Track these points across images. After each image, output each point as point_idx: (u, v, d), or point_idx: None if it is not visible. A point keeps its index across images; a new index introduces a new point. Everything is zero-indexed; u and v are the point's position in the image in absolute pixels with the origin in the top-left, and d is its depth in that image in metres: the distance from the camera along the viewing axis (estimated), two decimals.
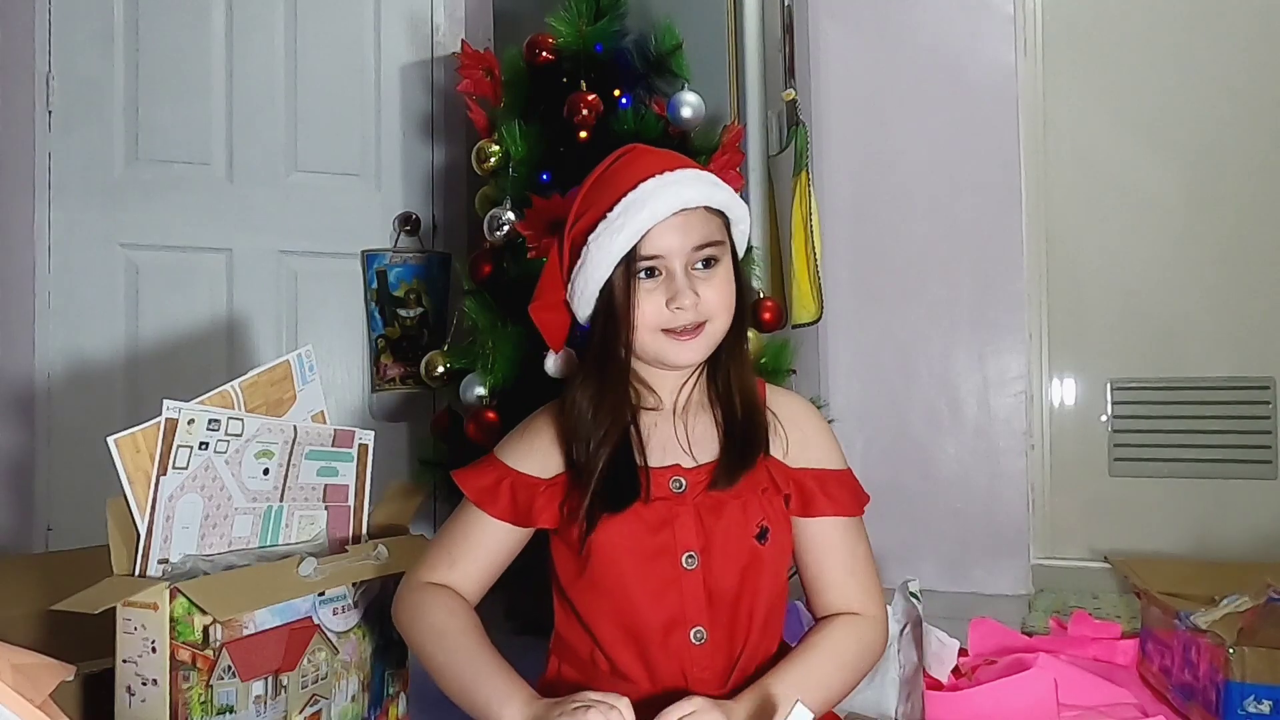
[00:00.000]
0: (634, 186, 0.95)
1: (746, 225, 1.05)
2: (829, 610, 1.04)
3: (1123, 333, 2.46)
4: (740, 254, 1.04)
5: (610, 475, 0.98)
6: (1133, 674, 1.64)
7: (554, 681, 1.08)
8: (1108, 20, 2.47)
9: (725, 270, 1.00)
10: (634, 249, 0.96)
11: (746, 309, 1.06)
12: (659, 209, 0.95)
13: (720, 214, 1.01)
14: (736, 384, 1.03)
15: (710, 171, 1.02)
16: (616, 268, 0.96)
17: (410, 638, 1.04)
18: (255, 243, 2.29)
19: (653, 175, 0.96)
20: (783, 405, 1.06)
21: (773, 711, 0.90)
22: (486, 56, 1.97)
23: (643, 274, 0.97)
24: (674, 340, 0.98)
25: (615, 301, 0.97)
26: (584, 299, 1.00)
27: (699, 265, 0.98)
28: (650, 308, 0.97)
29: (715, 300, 0.98)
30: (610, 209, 0.96)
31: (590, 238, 0.97)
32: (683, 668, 0.99)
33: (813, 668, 0.97)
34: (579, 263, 0.98)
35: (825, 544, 1.04)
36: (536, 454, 1.04)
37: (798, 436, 1.04)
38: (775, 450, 1.03)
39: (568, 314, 1.04)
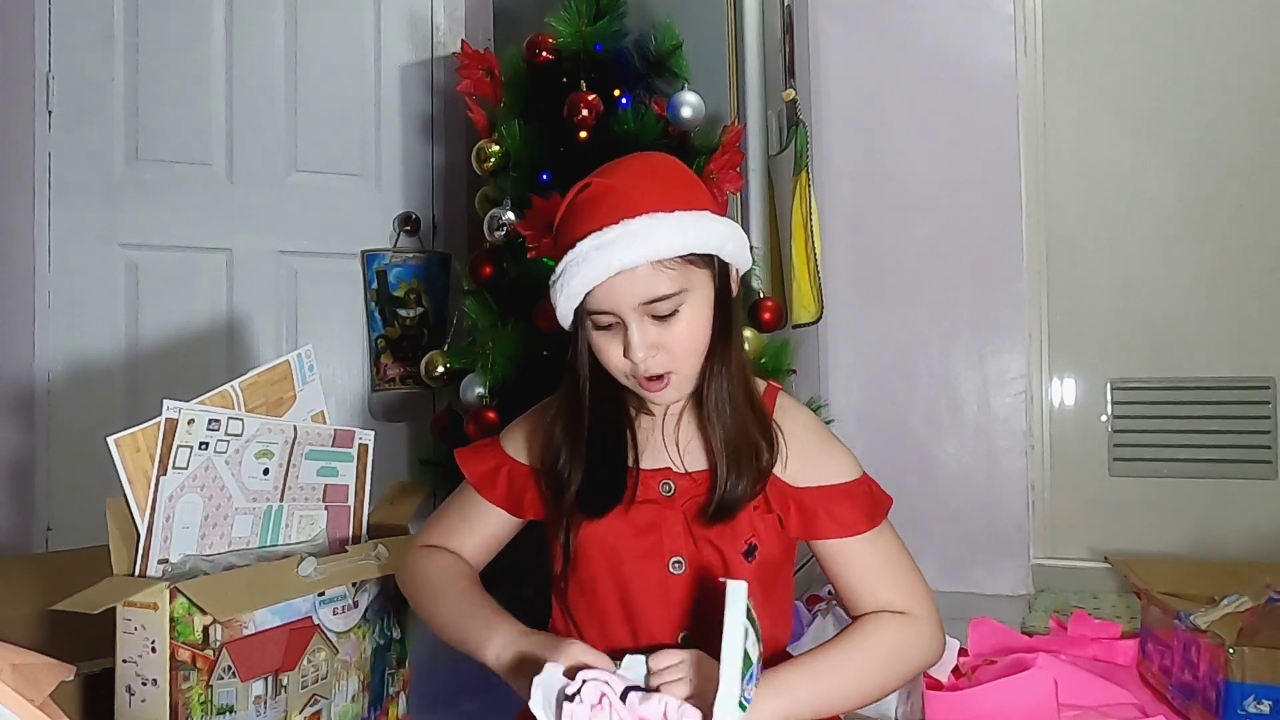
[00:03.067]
0: (573, 245, 0.92)
1: (734, 245, 0.96)
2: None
3: (1123, 333, 2.46)
4: (743, 268, 0.99)
5: (591, 480, 0.98)
6: (1133, 674, 1.64)
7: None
8: (1108, 20, 2.47)
9: (688, 315, 0.93)
10: (584, 303, 0.93)
11: (732, 337, 0.99)
12: (590, 275, 0.90)
13: (705, 261, 0.95)
14: (718, 413, 0.97)
15: (682, 208, 0.92)
16: (573, 315, 0.96)
17: (410, 596, 1.07)
18: (255, 243, 2.29)
19: (590, 233, 0.90)
20: (789, 419, 1.02)
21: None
22: (486, 56, 1.97)
23: (601, 322, 0.95)
24: (642, 386, 0.96)
25: (574, 343, 0.97)
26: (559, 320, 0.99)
27: (655, 316, 0.93)
28: (613, 357, 0.95)
29: (676, 349, 0.93)
30: (559, 260, 0.94)
31: (551, 280, 0.95)
32: None
33: (829, 658, 0.94)
34: (552, 287, 0.96)
35: (845, 561, 1.00)
36: (529, 445, 1.06)
37: (800, 453, 1.00)
38: (775, 467, 0.99)
39: None
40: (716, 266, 0.97)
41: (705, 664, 0.85)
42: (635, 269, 0.90)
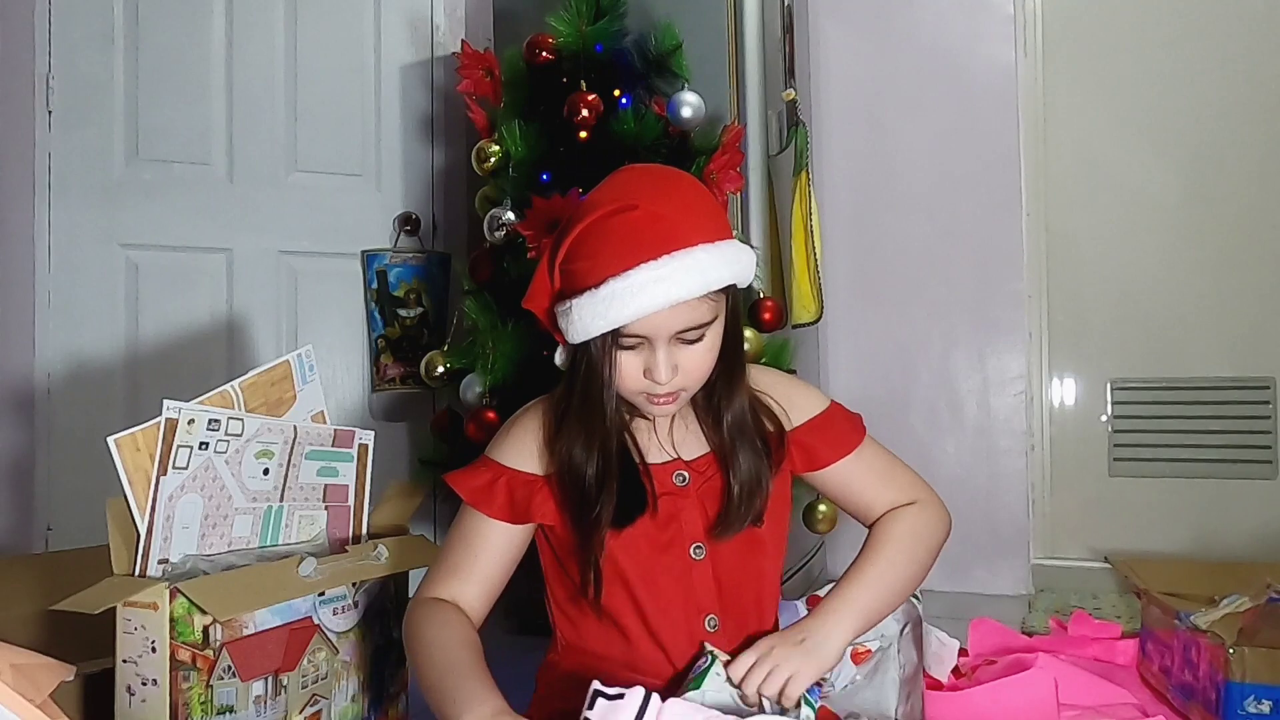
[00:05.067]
0: (622, 273, 0.90)
1: (752, 272, 0.99)
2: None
3: (1123, 333, 2.46)
4: (746, 284, 1.01)
5: (620, 494, 0.98)
6: (1133, 674, 1.64)
7: (554, 669, 1.08)
8: (1108, 20, 2.47)
9: (710, 339, 0.96)
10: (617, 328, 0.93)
11: (739, 353, 1.02)
12: (645, 304, 0.89)
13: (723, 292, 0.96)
14: (739, 439, 1.01)
15: (723, 238, 0.94)
16: (598, 336, 0.94)
17: (408, 653, 1.01)
18: (255, 243, 2.29)
19: (646, 262, 0.89)
20: (763, 384, 1.08)
21: None
22: (486, 56, 1.97)
23: (628, 343, 0.95)
24: (650, 401, 0.98)
25: (594, 361, 0.96)
26: (569, 334, 0.96)
27: (684, 340, 0.94)
28: (628, 374, 0.95)
29: (693, 370, 0.96)
30: (597, 285, 0.91)
31: (574, 301, 0.93)
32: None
33: (871, 565, 1.02)
34: (565, 308, 0.95)
35: (848, 480, 1.08)
36: (529, 452, 1.03)
37: (784, 399, 1.06)
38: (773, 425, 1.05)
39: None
40: (732, 291, 0.98)
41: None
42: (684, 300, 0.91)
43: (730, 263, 0.94)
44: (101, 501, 1.09)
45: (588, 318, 0.92)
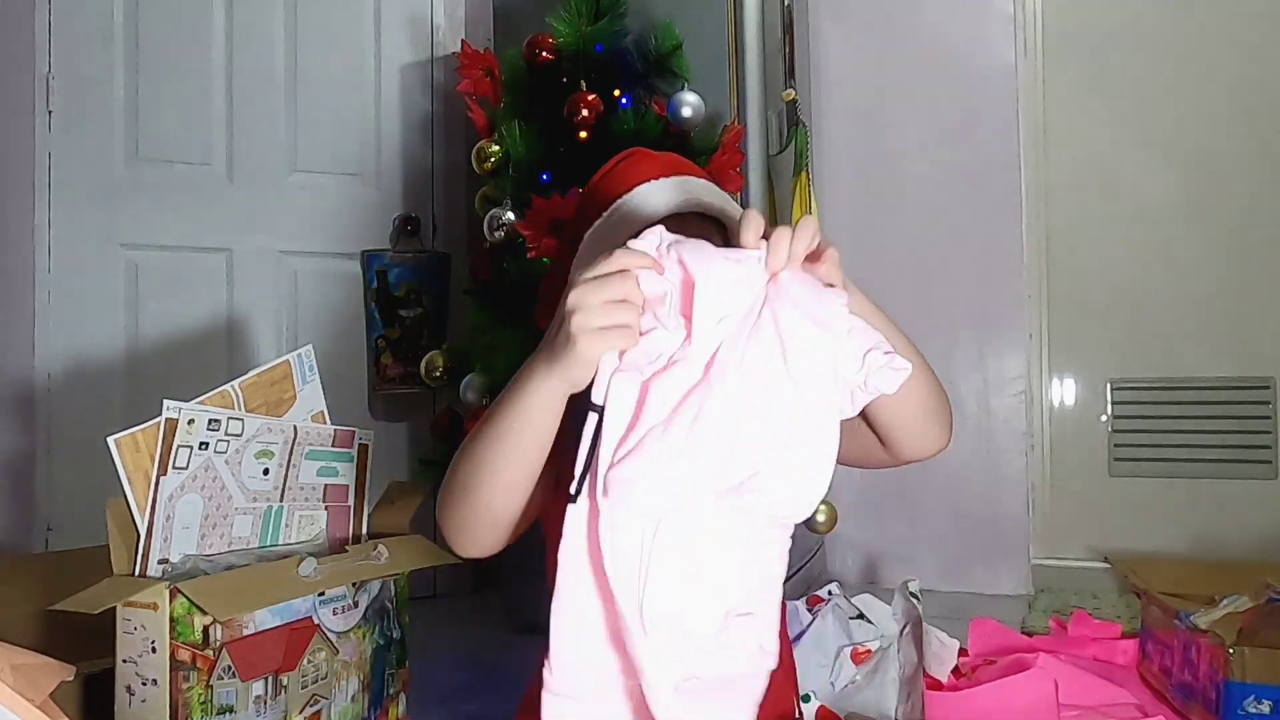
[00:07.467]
0: (629, 190, 0.96)
1: None
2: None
3: (1123, 333, 2.46)
4: None
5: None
6: (1133, 674, 1.64)
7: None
8: (1108, 20, 2.47)
9: None
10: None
11: None
12: (652, 210, 0.95)
13: (719, 225, 0.99)
14: None
15: (707, 178, 1.01)
16: None
17: (467, 467, 0.85)
18: (255, 243, 2.29)
19: (649, 180, 0.97)
20: None
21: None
22: (486, 56, 1.97)
23: None
24: None
25: None
26: None
27: None
28: None
29: None
30: (605, 211, 0.97)
31: (587, 236, 0.98)
32: None
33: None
34: (575, 260, 0.99)
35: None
36: None
37: None
38: None
39: None
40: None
41: None
42: (686, 218, 0.94)
43: (728, 203, 0.99)
44: (101, 501, 1.09)
45: (596, 245, 0.95)
